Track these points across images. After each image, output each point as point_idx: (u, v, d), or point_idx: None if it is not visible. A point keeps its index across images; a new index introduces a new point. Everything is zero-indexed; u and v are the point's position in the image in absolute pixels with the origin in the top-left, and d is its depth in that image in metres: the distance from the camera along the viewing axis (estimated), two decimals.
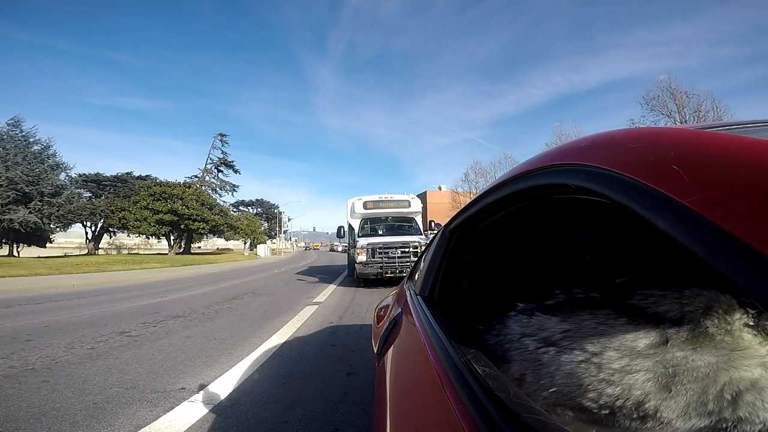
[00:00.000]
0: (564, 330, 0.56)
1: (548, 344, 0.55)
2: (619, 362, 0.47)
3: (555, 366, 0.52)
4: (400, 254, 8.28)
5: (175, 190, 29.94)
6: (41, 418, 2.05)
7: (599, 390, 0.47)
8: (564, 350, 0.53)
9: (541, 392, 0.52)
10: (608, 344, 0.50)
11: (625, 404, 0.45)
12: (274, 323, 4.66)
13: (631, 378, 0.46)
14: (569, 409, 0.50)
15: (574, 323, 0.56)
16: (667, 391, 0.43)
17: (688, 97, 16.43)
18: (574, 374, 0.50)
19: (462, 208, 0.97)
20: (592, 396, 0.47)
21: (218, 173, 41.29)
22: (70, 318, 5.10)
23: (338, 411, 2.14)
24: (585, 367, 0.49)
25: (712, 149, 0.35)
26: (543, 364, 0.54)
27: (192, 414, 2.10)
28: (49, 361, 3.12)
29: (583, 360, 0.50)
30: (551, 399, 0.51)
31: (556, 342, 0.55)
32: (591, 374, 0.48)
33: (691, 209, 0.31)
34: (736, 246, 0.27)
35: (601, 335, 0.51)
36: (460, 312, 0.99)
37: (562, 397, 0.51)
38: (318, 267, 18.01)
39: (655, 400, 0.43)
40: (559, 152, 0.59)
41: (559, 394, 0.51)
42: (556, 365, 0.52)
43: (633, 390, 0.45)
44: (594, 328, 0.53)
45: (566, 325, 0.56)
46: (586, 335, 0.52)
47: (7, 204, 20.75)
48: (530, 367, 0.56)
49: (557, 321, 0.58)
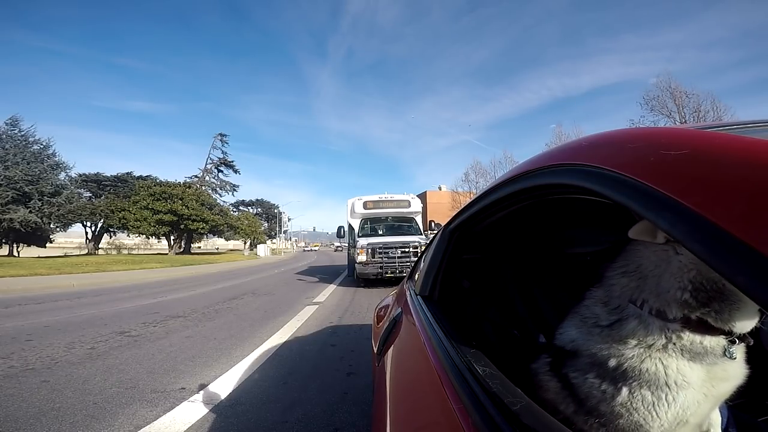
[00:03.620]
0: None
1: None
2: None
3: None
4: (400, 254, 8.27)
5: (175, 190, 29.93)
6: (41, 418, 2.05)
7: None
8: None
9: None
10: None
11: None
12: (274, 323, 4.66)
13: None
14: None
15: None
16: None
17: (687, 97, 16.43)
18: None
19: (462, 208, 0.97)
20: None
21: (218, 173, 41.32)
22: (70, 318, 5.10)
23: (338, 411, 2.14)
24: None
25: (712, 149, 0.34)
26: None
27: (192, 414, 2.10)
28: (49, 361, 3.12)
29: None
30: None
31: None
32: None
33: (691, 209, 0.31)
34: (736, 246, 0.27)
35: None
36: (460, 312, 0.99)
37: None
38: (318, 267, 18.00)
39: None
40: (559, 152, 0.59)
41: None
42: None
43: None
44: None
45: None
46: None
47: (7, 204, 20.74)
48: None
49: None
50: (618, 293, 0.54)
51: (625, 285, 0.53)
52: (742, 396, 0.56)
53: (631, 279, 0.53)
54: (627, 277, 0.53)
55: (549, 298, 0.91)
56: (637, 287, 0.52)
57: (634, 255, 0.53)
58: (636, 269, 0.52)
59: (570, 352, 0.56)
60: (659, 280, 0.49)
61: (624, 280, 0.54)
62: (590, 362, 0.52)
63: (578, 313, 0.58)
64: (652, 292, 0.50)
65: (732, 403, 0.53)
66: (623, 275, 0.54)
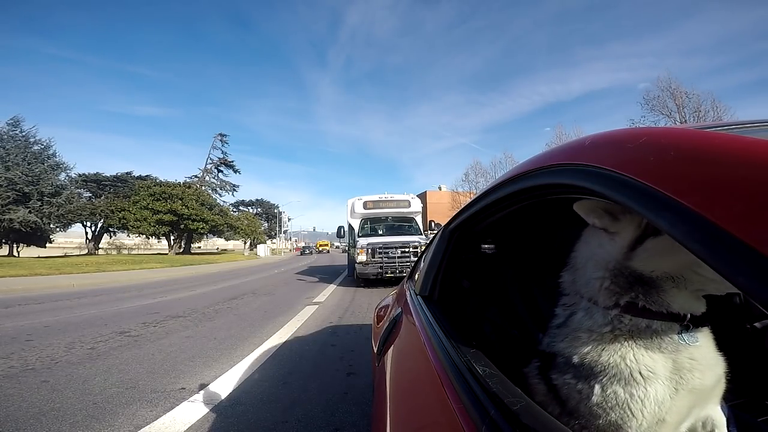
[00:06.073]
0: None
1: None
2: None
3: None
4: (400, 254, 8.27)
5: (174, 190, 29.93)
6: (41, 418, 2.05)
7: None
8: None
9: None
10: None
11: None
12: (274, 323, 4.66)
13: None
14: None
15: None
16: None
17: (687, 97, 16.43)
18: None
19: (462, 208, 0.97)
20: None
21: (218, 173, 41.32)
22: (70, 318, 5.10)
23: (338, 411, 2.14)
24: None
25: (712, 149, 0.34)
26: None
27: (192, 414, 2.10)
28: (49, 361, 3.12)
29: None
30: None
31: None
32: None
33: (691, 209, 0.31)
34: (736, 246, 0.27)
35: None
36: (460, 312, 0.98)
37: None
38: (318, 267, 18.00)
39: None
40: (558, 152, 0.59)
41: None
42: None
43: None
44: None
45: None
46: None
47: (7, 204, 20.74)
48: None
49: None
50: (566, 289, 0.56)
51: (568, 279, 0.56)
52: (742, 396, 0.56)
53: (570, 272, 0.56)
54: (569, 271, 0.56)
55: (549, 298, 0.91)
56: (574, 280, 0.55)
57: (575, 250, 0.56)
58: (573, 263, 0.56)
59: (551, 355, 0.57)
60: (586, 270, 0.52)
61: (567, 275, 0.57)
62: (564, 362, 0.53)
63: (551, 318, 0.60)
64: (584, 283, 0.53)
65: (732, 403, 0.53)
66: (566, 272, 0.57)
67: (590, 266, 0.52)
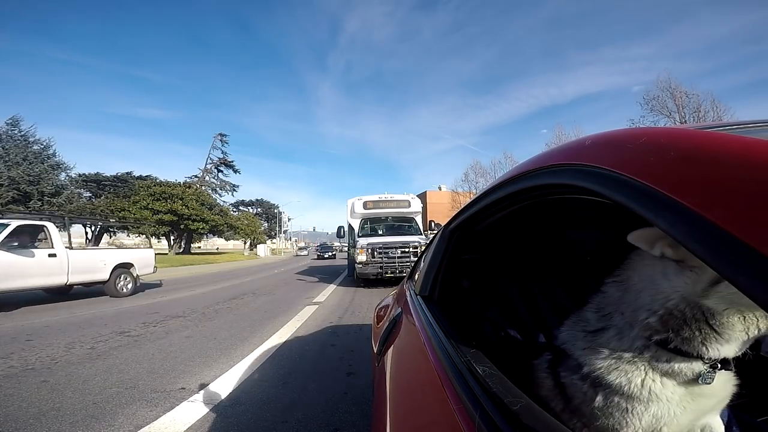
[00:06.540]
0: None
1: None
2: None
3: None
4: (400, 254, 8.27)
5: (174, 190, 29.94)
6: (41, 418, 2.05)
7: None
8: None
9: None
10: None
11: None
12: (274, 323, 4.66)
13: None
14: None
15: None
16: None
17: (687, 97, 16.44)
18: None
19: (462, 208, 0.97)
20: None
21: (218, 173, 41.35)
22: (70, 318, 5.10)
23: (338, 411, 2.14)
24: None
25: (712, 149, 0.34)
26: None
27: (192, 414, 2.09)
28: (49, 361, 3.12)
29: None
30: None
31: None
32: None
33: (691, 209, 0.31)
34: (736, 246, 0.27)
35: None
36: (460, 312, 0.98)
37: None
38: (318, 267, 18.00)
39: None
40: (558, 152, 0.59)
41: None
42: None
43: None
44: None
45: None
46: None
47: (7, 204, 20.73)
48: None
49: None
50: (607, 302, 0.54)
51: (612, 294, 0.54)
52: (742, 396, 0.56)
53: (618, 289, 0.53)
54: (616, 286, 0.54)
55: (549, 298, 0.91)
56: (621, 298, 0.52)
57: (629, 265, 0.53)
58: (625, 280, 0.52)
59: (564, 352, 0.57)
60: (638, 296, 0.49)
61: (613, 289, 0.54)
62: (576, 364, 0.54)
63: (576, 316, 0.59)
64: (631, 306, 0.50)
65: (732, 403, 0.53)
66: (614, 284, 0.54)
67: (646, 295, 0.48)
